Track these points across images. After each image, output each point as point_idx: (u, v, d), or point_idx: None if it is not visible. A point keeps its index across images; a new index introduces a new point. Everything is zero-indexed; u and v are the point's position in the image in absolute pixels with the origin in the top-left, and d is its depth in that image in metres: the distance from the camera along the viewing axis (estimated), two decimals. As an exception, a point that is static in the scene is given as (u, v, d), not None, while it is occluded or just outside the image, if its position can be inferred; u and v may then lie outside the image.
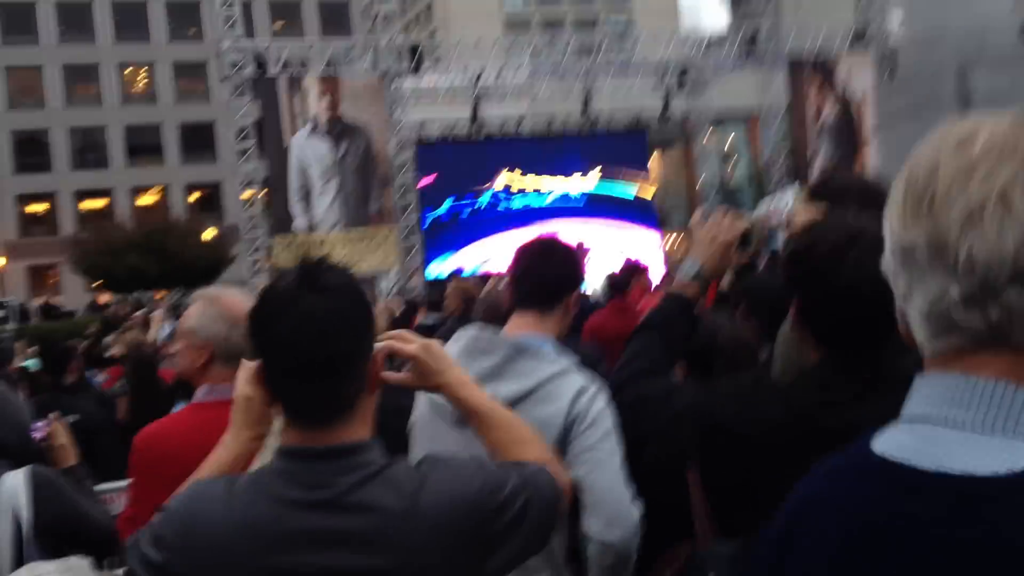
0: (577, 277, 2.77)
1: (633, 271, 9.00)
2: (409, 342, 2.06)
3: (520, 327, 2.60)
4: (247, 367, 1.98)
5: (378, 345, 1.93)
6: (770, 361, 3.19)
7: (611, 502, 2.38)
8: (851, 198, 2.50)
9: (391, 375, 2.00)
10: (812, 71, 25.38)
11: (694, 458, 2.12)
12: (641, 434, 2.40)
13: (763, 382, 2.15)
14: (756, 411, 1.98)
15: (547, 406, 2.42)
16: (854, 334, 1.96)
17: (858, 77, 25.14)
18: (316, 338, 1.72)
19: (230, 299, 2.87)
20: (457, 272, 22.27)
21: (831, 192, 2.66)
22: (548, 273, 2.70)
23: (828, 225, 2.08)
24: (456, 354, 2.46)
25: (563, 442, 2.40)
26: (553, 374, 2.46)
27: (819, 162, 25.38)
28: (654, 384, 2.25)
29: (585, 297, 10.44)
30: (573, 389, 2.45)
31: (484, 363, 2.43)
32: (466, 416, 2.10)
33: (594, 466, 2.39)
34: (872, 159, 22.68)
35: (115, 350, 9.09)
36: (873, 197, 2.55)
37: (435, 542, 1.70)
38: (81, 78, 55.03)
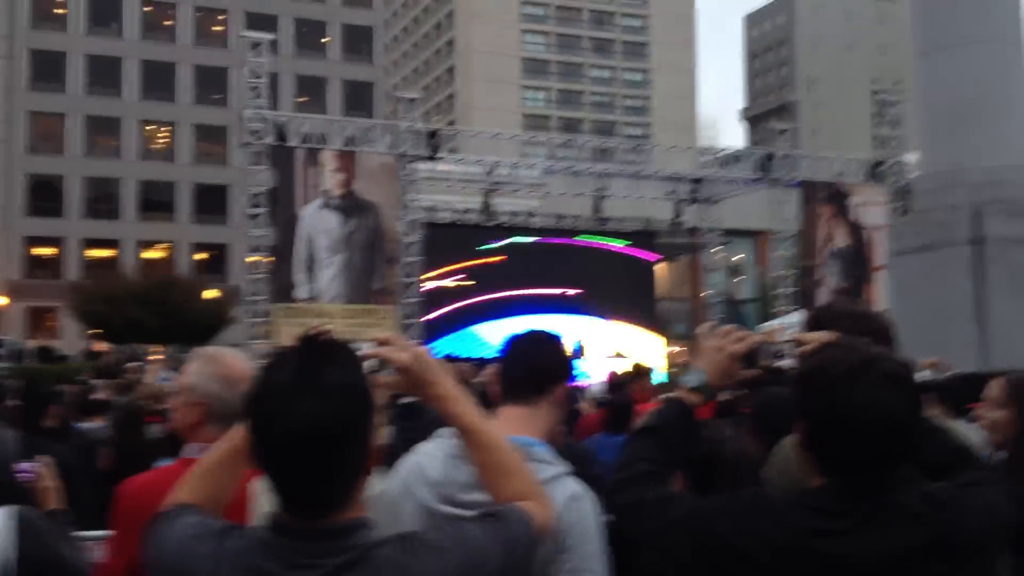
0: (566, 369, 2.70)
1: (636, 373, 8.93)
2: (402, 350, 2.04)
3: (510, 424, 2.47)
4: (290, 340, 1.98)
5: (370, 353, 1.93)
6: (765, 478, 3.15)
7: None
8: (847, 326, 2.47)
9: (381, 379, 2.00)
10: (826, 198, 25.69)
11: (689, 570, 2.07)
12: (635, 538, 2.30)
13: (762, 499, 2.09)
14: (752, 527, 1.95)
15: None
16: (860, 462, 1.93)
17: (871, 208, 25.46)
18: (315, 446, 1.68)
19: (230, 360, 2.85)
20: (451, 357, 22.18)
21: (830, 317, 2.62)
22: (536, 363, 2.63)
23: (842, 348, 2.05)
24: (442, 457, 2.41)
25: (551, 554, 2.28)
26: (546, 480, 2.35)
27: (826, 287, 25.51)
28: (652, 489, 2.19)
29: (577, 393, 10.35)
30: (565, 496, 2.36)
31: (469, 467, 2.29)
32: (456, 432, 2.07)
33: (581, 545, 2.32)
34: (880, 291, 22.76)
35: (101, 394, 9.01)
36: (870, 328, 2.56)
37: None
38: (103, 130, 55.82)
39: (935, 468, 2.20)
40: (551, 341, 2.71)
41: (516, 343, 2.67)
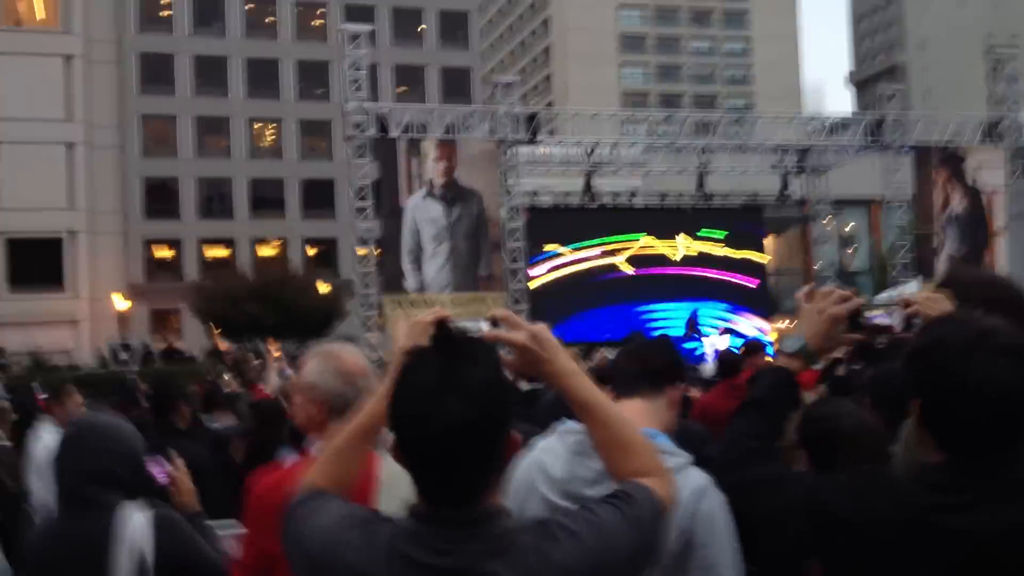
0: (679, 370, 2.74)
1: (748, 350, 8.79)
2: (518, 328, 2.03)
3: (629, 416, 2.47)
4: (412, 322, 2.03)
5: (485, 333, 1.97)
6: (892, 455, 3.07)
7: None
8: (979, 295, 2.39)
9: (501, 357, 1.95)
10: (940, 161, 24.81)
11: (809, 550, 2.05)
12: (749, 518, 2.31)
13: (881, 477, 2.10)
14: (871, 505, 1.94)
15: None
16: (978, 438, 1.89)
17: (989, 171, 24.50)
18: (461, 445, 1.73)
19: (347, 356, 2.92)
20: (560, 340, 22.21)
21: (960, 286, 2.54)
22: (654, 359, 2.67)
23: (956, 321, 2.01)
24: (564, 455, 2.43)
25: (683, 546, 2.31)
26: (670, 470, 2.34)
27: (945, 254, 24.67)
28: (764, 468, 2.18)
29: (695, 371, 10.25)
30: (692, 487, 2.35)
31: (596, 464, 2.23)
32: (574, 408, 2.06)
33: (714, 557, 2.33)
34: (1000, 255, 21.94)
35: (232, 386, 9.25)
36: (1003, 297, 2.49)
37: None
38: (212, 130, 57.19)
39: None
40: (664, 342, 2.79)
41: (631, 341, 2.72)
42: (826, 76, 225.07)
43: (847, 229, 36.63)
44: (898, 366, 5.73)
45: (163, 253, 56.37)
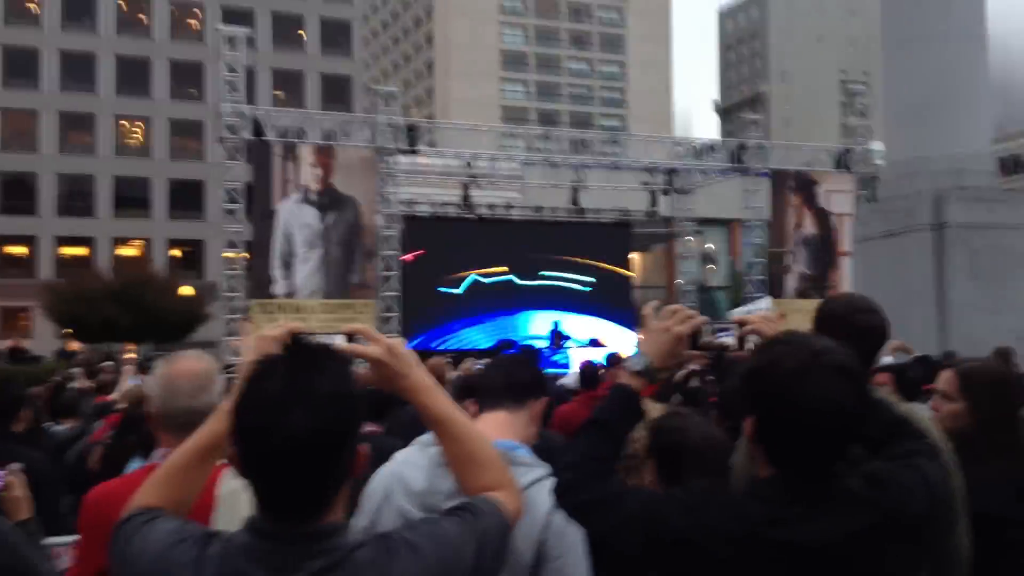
0: (544, 385, 2.80)
1: (611, 363, 9.00)
2: (374, 342, 2.00)
3: (490, 429, 2.44)
4: (259, 337, 1.96)
5: (342, 345, 1.92)
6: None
7: None
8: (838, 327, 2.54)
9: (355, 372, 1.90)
10: (795, 186, 26.04)
11: (646, 566, 2.07)
12: (591, 539, 2.31)
13: (714, 491, 2.16)
14: (706, 520, 1.97)
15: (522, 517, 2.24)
16: (808, 453, 1.97)
17: (839, 195, 25.87)
18: (305, 457, 1.68)
19: (179, 364, 2.80)
20: (427, 348, 22.41)
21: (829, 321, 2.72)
22: (519, 373, 2.72)
23: (790, 342, 2.06)
24: (425, 466, 2.43)
25: (535, 558, 2.33)
26: (529, 482, 2.36)
27: (795, 273, 25.89)
28: (602, 486, 2.16)
29: (555, 385, 10.51)
30: (550, 501, 2.31)
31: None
32: (427, 423, 2.05)
33: None
34: (845, 277, 23.11)
35: (78, 383, 8.95)
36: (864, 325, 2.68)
37: None
38: (76, 126, 55.26)
39: (874, 441, 2.26)
40: (527, 358, 2.84)
41: (499, 352, 2.80)
42: (695, 102, 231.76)
43: (709, 247, 37.94)
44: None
45: (16, 250, 54.04)
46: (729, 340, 2.50)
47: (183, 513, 1.93)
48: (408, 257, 24.39)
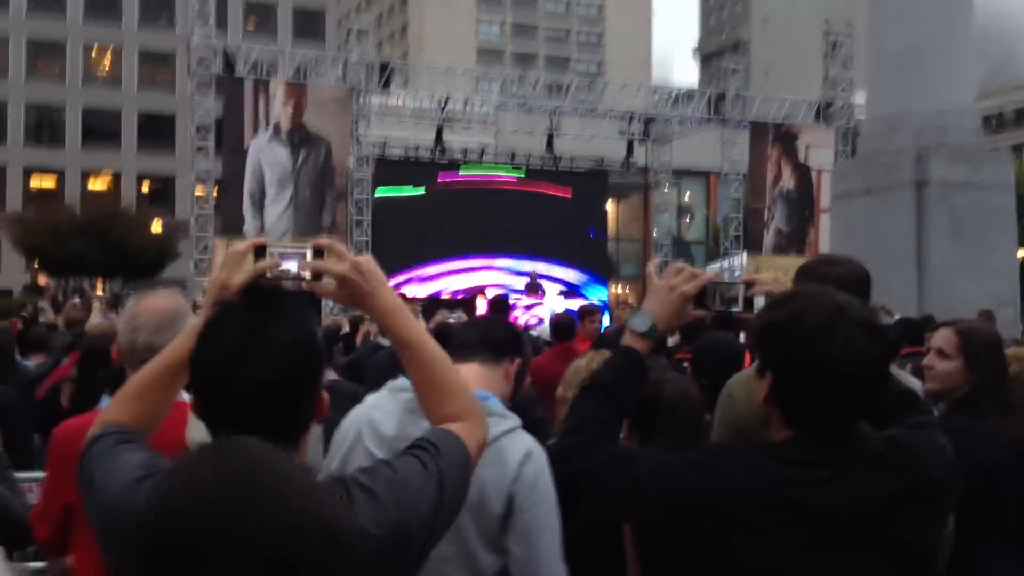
0: (522, 346, 2.72)
1: (583, 313, 8.91)
2: (341, 259, 1.91)
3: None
4: (228, 252, 1.89)
5: (308, 262, 1.86)
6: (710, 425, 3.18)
7: None
8: (825, 276, 2.48)
9: (320, 287, 1.88)
10: (775, 138, 25.86)
11: (662, 528, 2.02)
12: (597, 502, 2.27)
13: (734, 452, 2.04)
14: (727, 481, 1.89)
15: (492, 468, 2.27)
16: (832, 412, 1.89)
17: (819, 149, 25.71)
18: (264, 407, 1.66)
19: (156, 303, 2.76)
20: (402, 296, 22.16)
21: (815, 277, 2.64)
22: (496, 332, 2.67)
23: (811, 296, 1.97)
24: (396, 412, 2.40)
25: (506, 508, 2.33)
26: (500, 433, 2.33)
27: (773, 228, 25.82)
28: (606, 450, 2.10)
29: (533, 338, 10.39)
30: (520, 452, 2.35)
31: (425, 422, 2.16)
32: (394, 346, 1.99)
33: (535, 549, 2.33)
34: (824, 233, 23.08)
35: (46, 317, 8.88)
36: (848, 279, 2.60)
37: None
38: (45, 54, 54.14)
39: (882, 414, 2.20)
40: (506, 318, 2.80)
41: (469, 303, 2.70)
42: (674, 46, 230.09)
43: (685, 199, 37.80)
44: (720, 336, 5.97)
45: (-18, 179, 53.31)
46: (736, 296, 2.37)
47: (152, 429, 1.93)
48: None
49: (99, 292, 25.09)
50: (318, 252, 1.89)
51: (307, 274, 1.88)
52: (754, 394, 2.04)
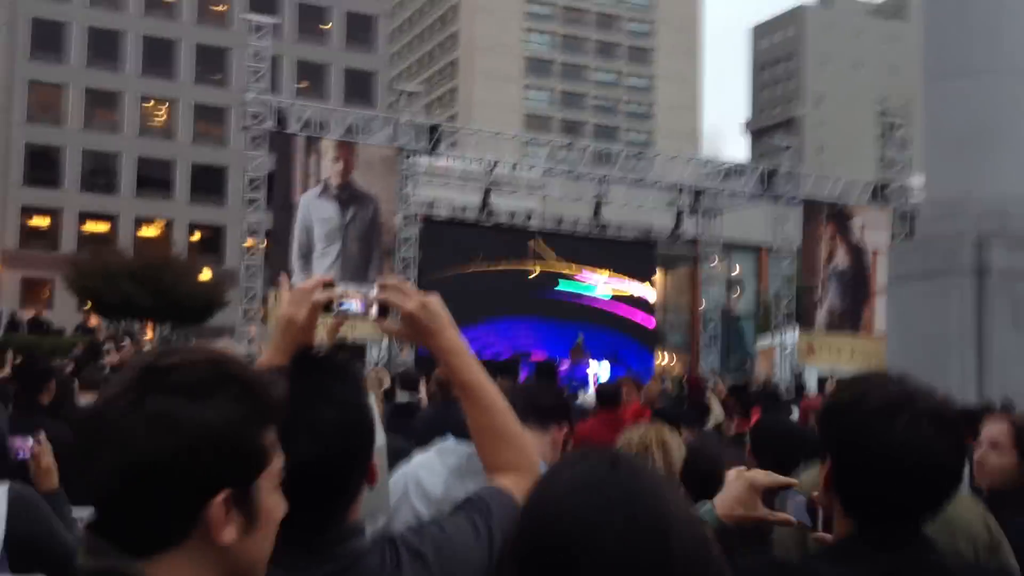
0: (568, 414, 2.71)
1: (623, 383, 8.81)
2: (408, 296, 1.92)
3: None
4: (293, 290, 1.94)
5: (375, 296, 1.89)
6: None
7: None
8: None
9: (386, 325, 1.92)
10: (828, 217, 25.64)
11: None
12: None
13: (780, 566, 1.90)
14: None
15: None
16: (892, 507, 1.76)
17: (874, 230, 25.43)
18: (310, 484, 1.63)
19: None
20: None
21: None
22: (543, 397, 2.65)
23: (877, 380, 1.88)
24: (443, 473, 2.39)
25: None
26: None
27: (825, 307, 25.48)
28: None
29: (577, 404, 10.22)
30: None
31: (473, 485, 2.18)
32: (456, 388, 1.98)
33: None
34: (879, 314, 22.69)
35: (114, 358, 8.93)
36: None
37: None
38: (102, 103, 55.57)
39: None
40: (553, 384, 2.78)
41: (510, 365, 2.68)
42: (724, 121, 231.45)
43: (735, 272, 37.57)
44: (778, 417, 5.79)
45: (40, 221, 54.63)
46: (354, 308, 2.15)
47: None
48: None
49: (149, 336, 25.34)
50: (384, 290, 1.93)
51: (374, 310, 1.89)
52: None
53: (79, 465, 1.27)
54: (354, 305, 1.94)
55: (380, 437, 2.02)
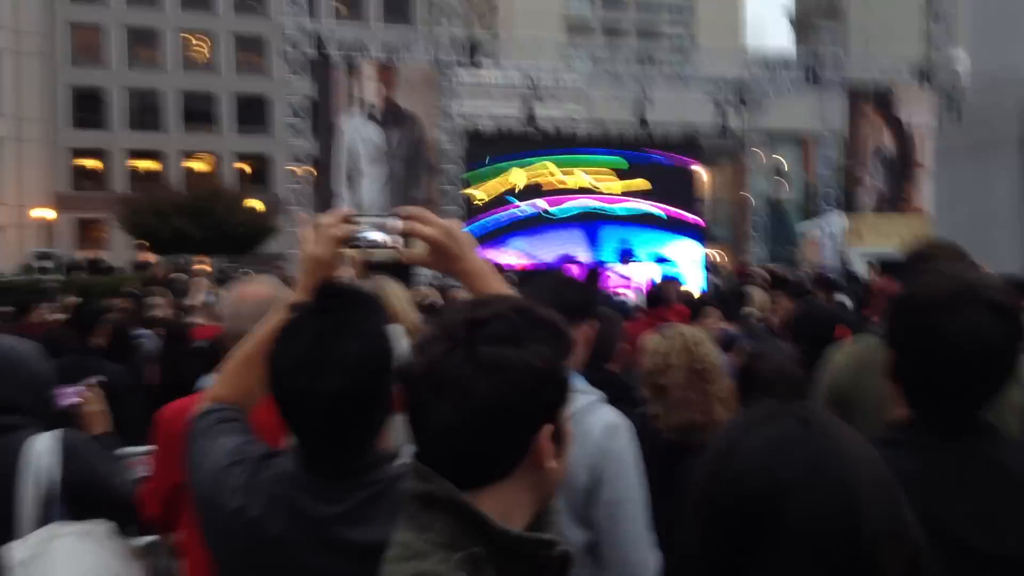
0: (594, 308, 2.66)
1: (671, 284, 8.94)
2: (430, 223, 1.90)
3: None
4: (314, 228, 1.94)
5: (397, 224, 1.88)
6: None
7: (632, 563, 2.34)
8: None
9: (410, 254, 1.89)
10: (872, 100, 25.17)
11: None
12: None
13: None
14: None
15: (575, 442, 2.27)
16: (952, 390, 1.81)
17: (918, 111, 24.91)
18: (338, 417, 1.72)
19: (245, 291, 2.89)
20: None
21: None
22: (568, 294, 2.56)
23: (944, 273, 1.93)
24: None
25: (590, 482, 2.33)
26: (580, 408, 2.30)
27: (868, 188, 25.20)
28: None
29: (619, 301, 10.38)
30: (602, 424, 2.37)
31: None
32: None
33: (619, 521, 2.33)
34: (926, 195, 22.40)
35: (158, 312, 9.10)
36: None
37: None
38: (143, 41, 55.63)
39: None
40: (574, 280, 2.74)
41: (540, 278, 2.65)
42: (767, 11, 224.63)
43: (778, 160, 37.12)
44: (819, 303, 5.92)
45: (90, 163, 55.22)
46: (381, 237, 1.98)
47: (253, 403, 2.01)
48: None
49: (200, 267, 25.72)
50: (406, 220, 1.90)
51: (398, 240, 1.88)
52: (857, 364, 1.99)
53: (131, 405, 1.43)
54: (378, 236, 1.90)
55: None
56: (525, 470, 1.36)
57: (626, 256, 23.86)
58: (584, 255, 23.19)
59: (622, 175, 25.60)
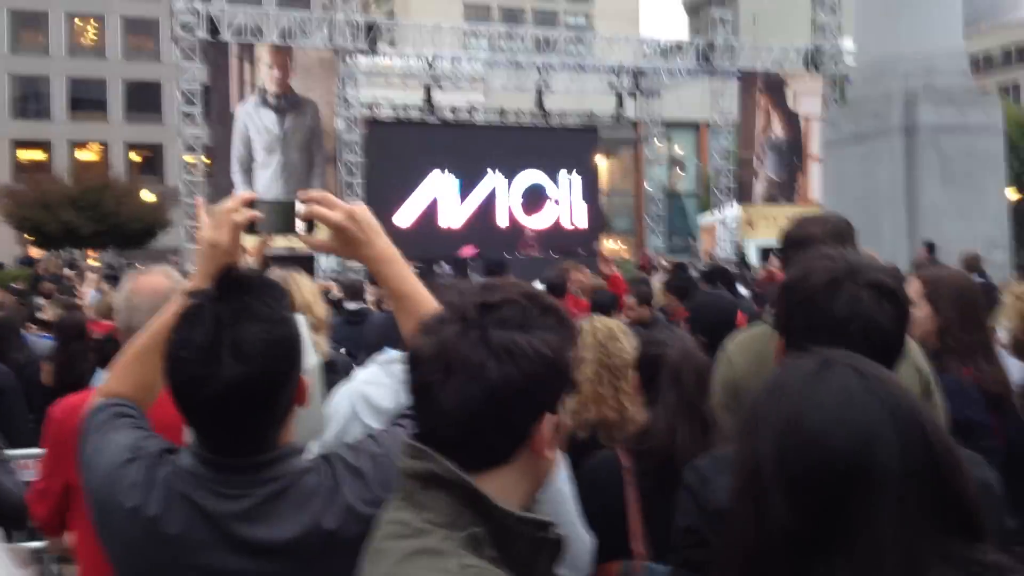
0: None
1: (569, 268, 8.92)
2: (334, 207, 1.84)
3: None
4: (212, 213, 1.88)
5: (300, 209, 1.82)
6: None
7: (574, 543, 2.25)
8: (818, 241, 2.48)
9: (313, 239, 1.84)
10: (763, 87, 25.74)
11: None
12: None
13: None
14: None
15: None
16: None
17: (808, 97, 25.60)
18: (238, 407, 1.64)
19: (141, 284, 2.78)
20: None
21: (800, 239, 2.66)
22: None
23: (828, 258, 1.95)
24: (391, 385, 2.35)
25: None
26: None
27: (762, 178, 25.78)
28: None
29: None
30: None
31: None
32: (389, 296, 1.93)
33: (558, 504, 2.25)
34: (814, 181, 23.04)
35: (48, 314, 8.83)
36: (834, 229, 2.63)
37: (338, 555, 1.64)
38: (28, 26, 53.63)
39: None
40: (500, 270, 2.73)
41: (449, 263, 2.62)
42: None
43: (676, 151, 37.66)
44: (713, 296, 5.97)
45: (-30, 154, 53.04)
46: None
47: (151, 399, 1.92)
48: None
49: (91, 263, 24.98)
50: (308, 204, 1.84)
51: (299, 225, 1.83)
52: (750, 353, 2.01)
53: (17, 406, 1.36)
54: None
55: (312, 358, 1.95)
56: (523, 457, 1.36)
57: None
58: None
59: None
